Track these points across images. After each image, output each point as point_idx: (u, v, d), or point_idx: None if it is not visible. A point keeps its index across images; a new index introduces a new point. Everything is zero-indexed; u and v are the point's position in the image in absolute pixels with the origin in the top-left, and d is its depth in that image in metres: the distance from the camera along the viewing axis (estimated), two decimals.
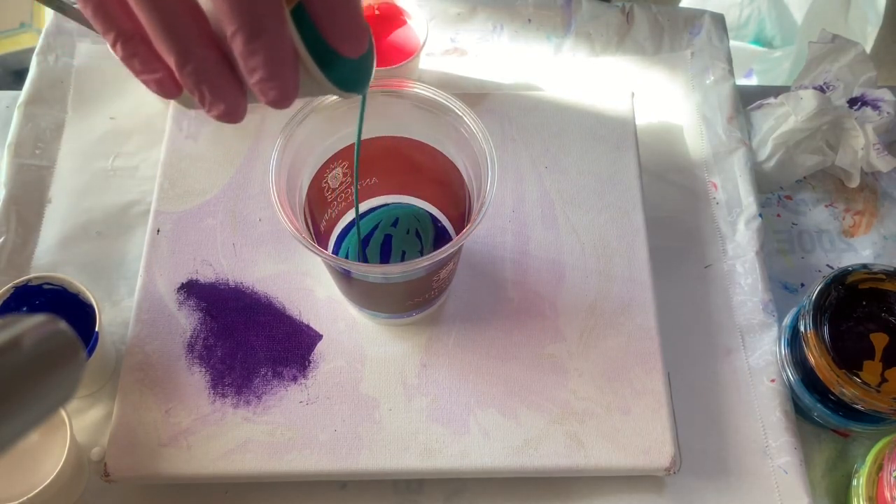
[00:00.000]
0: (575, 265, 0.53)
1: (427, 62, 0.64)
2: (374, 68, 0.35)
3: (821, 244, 0.60)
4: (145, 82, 0.31)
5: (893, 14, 0.86)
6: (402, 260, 0.50)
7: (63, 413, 0.45)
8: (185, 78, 0.29)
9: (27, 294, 0.49)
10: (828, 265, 0.59)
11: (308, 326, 0.50)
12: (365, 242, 0.51)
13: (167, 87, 0.31)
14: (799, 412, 0.52)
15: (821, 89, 0.60)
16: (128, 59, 0.30)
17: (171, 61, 0.29)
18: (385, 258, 0.50)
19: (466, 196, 0.46)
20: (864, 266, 0.49)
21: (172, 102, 0.56)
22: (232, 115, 0.31)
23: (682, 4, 0.87)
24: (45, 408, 0.23)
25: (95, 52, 0.63)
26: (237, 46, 0.28)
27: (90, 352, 0.47)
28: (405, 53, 0.58)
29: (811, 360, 0.48)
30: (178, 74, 0.29)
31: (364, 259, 0.50)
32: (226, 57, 0.29)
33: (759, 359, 0.53)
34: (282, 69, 0.28)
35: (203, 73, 0.29)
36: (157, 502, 0.48)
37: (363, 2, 0.58)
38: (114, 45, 0.30)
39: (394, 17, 0.59)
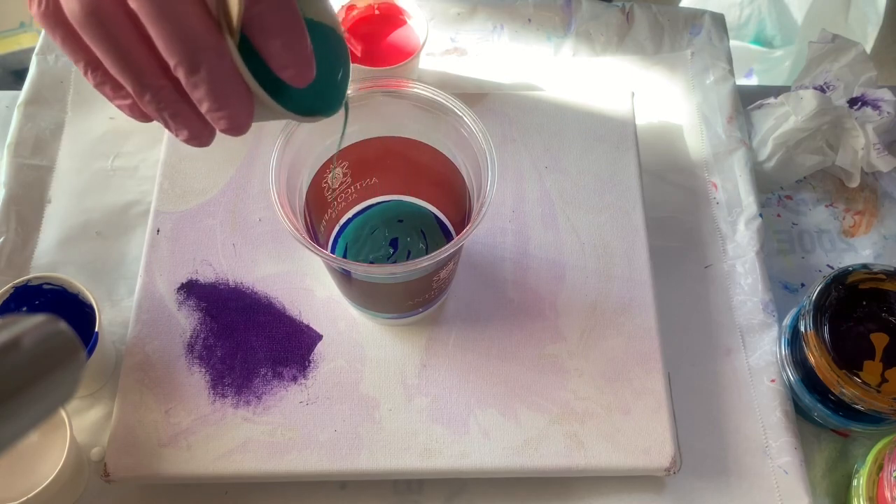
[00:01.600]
0: (575, 265, 0.53)
1: (427, 62, 0.64)
2: (345, 91, 0.35)
3: (821, 244, 0.60)
4: (119, 107, 0.32)
5: (893, 14, 0.86)
6: (408, 259, 0.50)
7: (63, 413, 0.45)
8: (145, 106, 0.30)
9: (27, 294, 0.49)
10: (828, 265, 0.59)
11: (308, 326, 0.50)
12: (370, 240, 0.51)
13: (138, 112, 0.32)
14: (799, 412, 0.52)
15: (821, 89, 0.60)
16: (99, 86, 0.31)
17: (129, 91, 0.30)
18: (392, 257, 0.50)
19: (467, 196, 0.46)
20: (865, 266, 0.49)
21: None
22: (197, 138, 0.31)
23: (682, 4, 0.87)
24: (45, 408, 0.23)
25: None
26: (181, 78, 0.28)
27: (90, 352, 0.47)
28: (405, 53, 0.58)
29: (811, 360, 0.48)
30: (139, 103, 0.30)
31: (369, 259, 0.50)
32: None
33: (759, 359, 0.53)
34: (227, 100, 0.29)
35: (161, 102, 0.30)
36: (157, 502, 0.48)
37: (363, 1, 0.58)
38: (84, 74, 0.31)
39: (394, 17, 0.59)
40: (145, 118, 0.32)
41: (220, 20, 0.28)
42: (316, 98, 0.33)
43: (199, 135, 0.31)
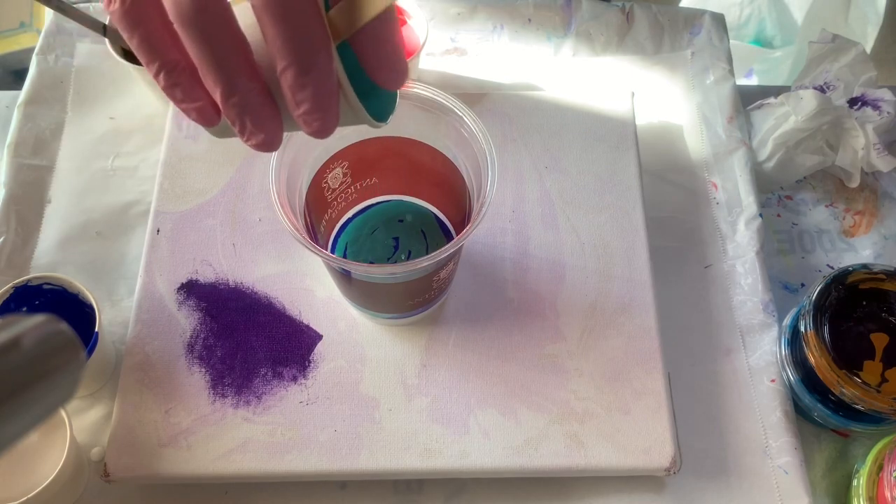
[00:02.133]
0: (575, 265, 0.53)
1: (427, 62, 0.64)
2: (396, 98, 0.36)
3: (821, 244, 0.60)
4: (185, 111, 0.31)
5: (893, 14, 0.86)
6: (409, 258, 0.50)
7: (63, 413, 0.45)
8: (228, 108, 0.30)
9: (27, 294, 0.49)
10: (828, 265, 0.59)
11: (308, 326, 0.50)
12: (369, 240, 0.51)
13: (207, 116, 0.31)
14: (799, 412, 0.52)
15: (821, 89, 0.60)
16: (170, 88, 0.30)
17: (216, 92, 0.29)
18: (393, 257, 0.50)
19: (467, 196, 0.46)
20: (865, 266, 0.49)
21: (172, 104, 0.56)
22: (270, 144, 0.31)
23: (682, 4, 0.87)
24: (45, 408, 0.23)
25: (95, 52, 0.63)
26: (287, 80, 0.28)
27: (90, 352, 0.47)
28: (405, 53, 0.58)
29: (811, 360, 0.48)
30: (221, 105, 0.30)
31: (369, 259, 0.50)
32: (267, 88, 0.30)
33: (759, 359, 0.53)
34: (327, 102, 0.29)
35: (247, 105, 0.29)
36: (157, 502, 0.48)
37: None
38: (156, 75, 0.30)
39: None
40: (214, 121, 0.32)
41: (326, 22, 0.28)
42: (386, 104, 0.35)
43: (273, 139, 0.31)
